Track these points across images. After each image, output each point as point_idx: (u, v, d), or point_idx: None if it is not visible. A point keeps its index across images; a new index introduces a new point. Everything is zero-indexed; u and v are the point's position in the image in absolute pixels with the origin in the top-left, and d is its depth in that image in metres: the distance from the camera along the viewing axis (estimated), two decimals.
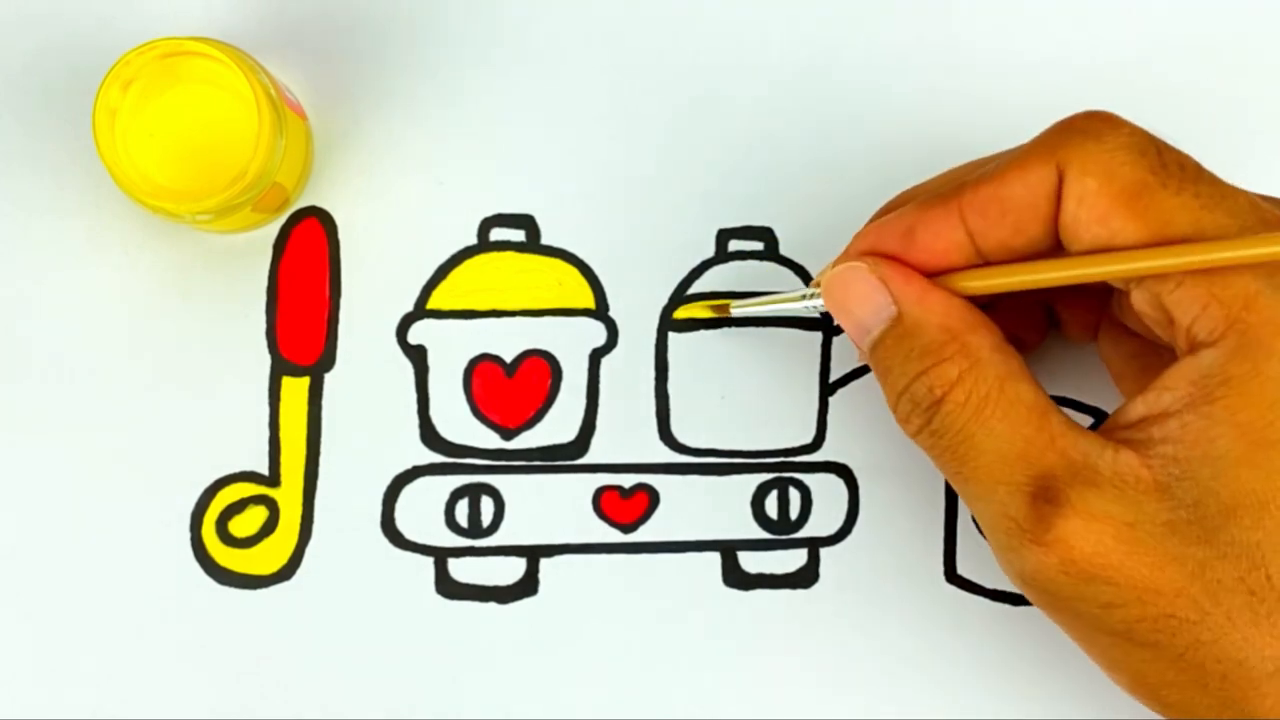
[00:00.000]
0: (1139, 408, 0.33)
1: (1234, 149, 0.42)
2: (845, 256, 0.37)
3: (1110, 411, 0.42)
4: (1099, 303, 0.39)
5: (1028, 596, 0.35)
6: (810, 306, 0.38)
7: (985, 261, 0.35)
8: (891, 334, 0.35)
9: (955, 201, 0.34)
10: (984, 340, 0.34)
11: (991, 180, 0.34)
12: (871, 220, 0.38)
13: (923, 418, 0.34)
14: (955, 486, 0.35)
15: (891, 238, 0.35)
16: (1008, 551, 0.34)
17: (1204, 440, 0.32)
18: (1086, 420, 0.43)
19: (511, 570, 0.42)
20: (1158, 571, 0.32)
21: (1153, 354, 0.37)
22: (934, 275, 0.35)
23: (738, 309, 0.41)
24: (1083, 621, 0.34)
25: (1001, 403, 0.33)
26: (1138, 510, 0.32)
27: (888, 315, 0.35)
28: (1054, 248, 0.34)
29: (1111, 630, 0.33)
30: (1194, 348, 0.32)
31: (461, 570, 0.42)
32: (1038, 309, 0.40)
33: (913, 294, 0.35)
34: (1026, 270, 0.34)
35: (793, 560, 0.42)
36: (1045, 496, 0.32)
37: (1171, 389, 0.33)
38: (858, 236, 0.37)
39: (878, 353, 0.35)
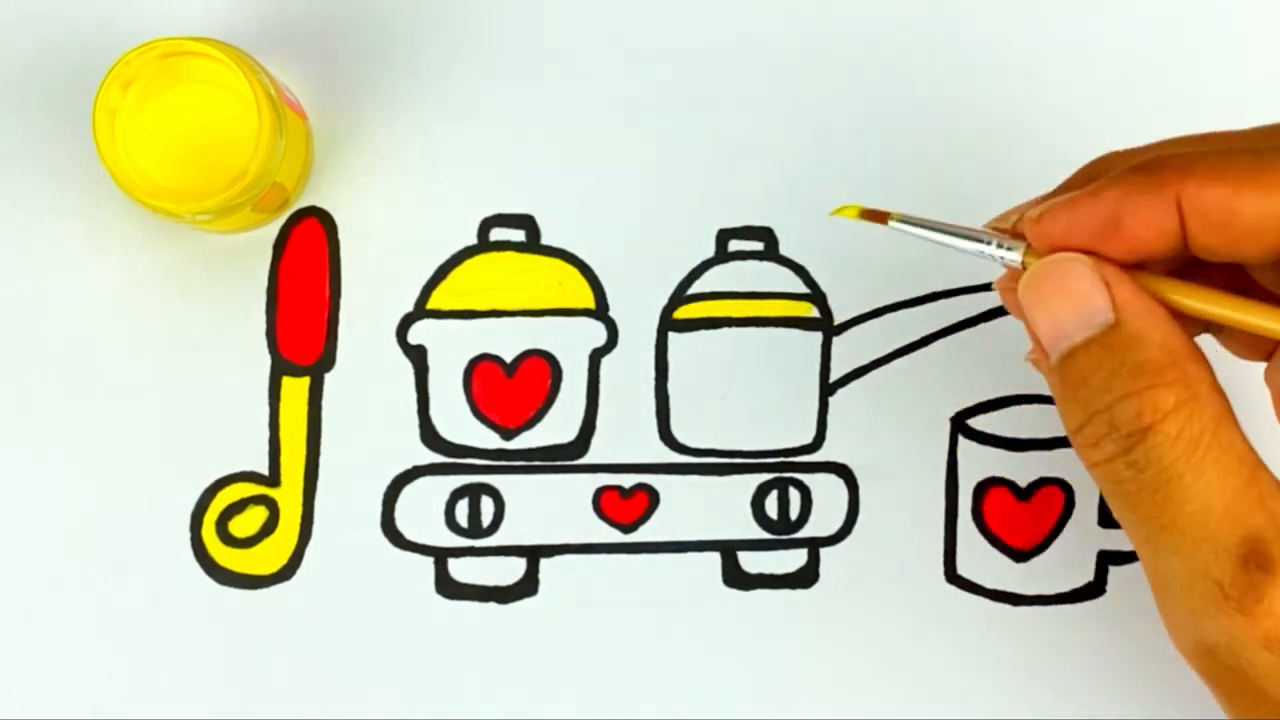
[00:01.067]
0: None
1: None
2: (1028, 233, 0.32)
3: None
4: None
5: (1201, 668, 0.31)
6: (985, 250, 0.33)
7: (1190, 254, 0.31)
8: (1101, 343, 0.30)
9: (1172, 189, 0.30)
10: (1205, 374, 0.30)
11: (1222, 181, 0.29)
12: (1067, 184, 0.34)
13: (1120, 445, 0.30)
14: (1140, 535, 0.31)
15: (1091, 221, 0.31)
16: (1201, 617, 0.30)
17: None
18: None
19: (511, 570, 0.42)
20: None
21: None
22: (1134, 267, 0.31)
23: (898, 224, 0.35)
24: (1264, 702, 0.30)
25: (1215, 447, 0.29)
26: None
27: (1102, 321, 0.30)
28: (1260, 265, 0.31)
29: None
30: None
31: (461, 570, 0.42)
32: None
33: (1140, 305, 0.30)
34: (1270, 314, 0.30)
35: (793, 560, 0.42)
36: (1258, 562, 0.29)
37: None
38: (1047, 213, 0.32)
39: (1075, 362, 0.30)
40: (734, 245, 0.43)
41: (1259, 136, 0.32)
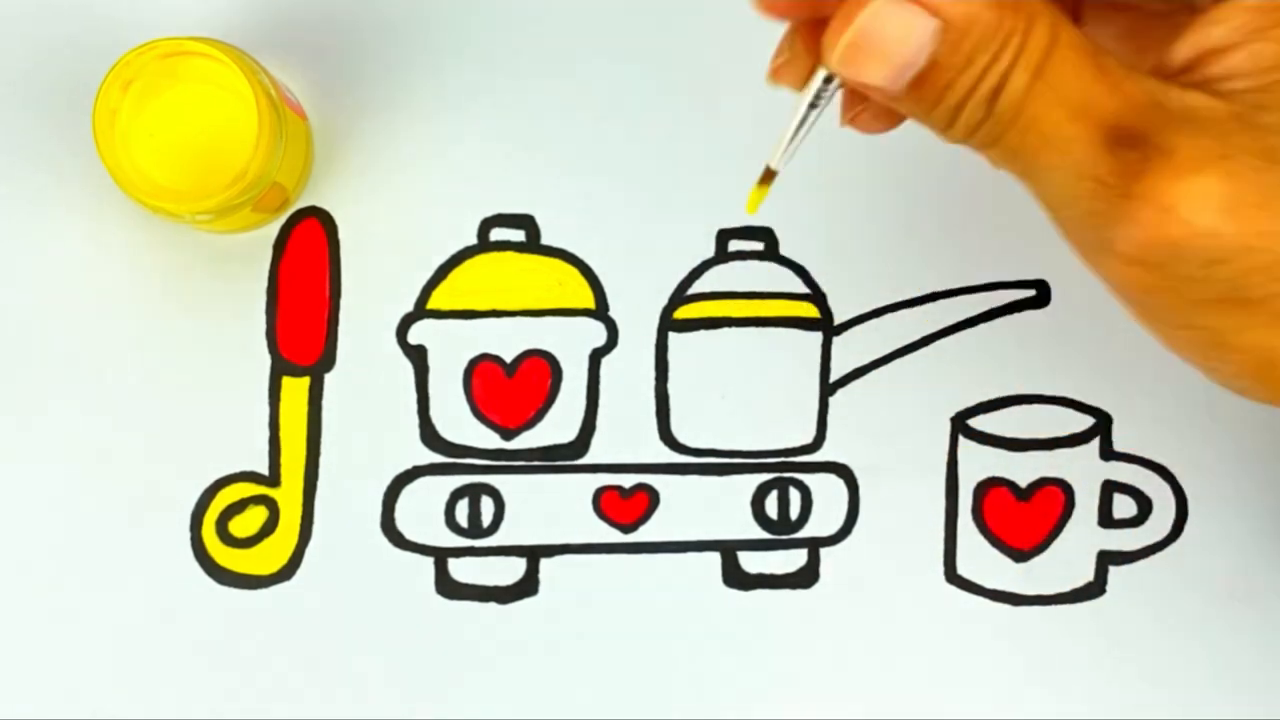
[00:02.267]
0: (1183, 51, 0.30)
1: None
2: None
3: (1110, 412, 0.43)
4: None
5: (1117, 284, 0.31)
6: (831, 90, 0.34)
7: None
8: (945, 46, 0.29)
9: None
10: (1032, 6, 0.29)
11: None
12: None
13: (985, 110, 0.29)
14: (1029, 175, 0.30)
15: None
16: (1096, 221, 0.30)
17: None
18: (1087, 421, 0.43)
19: (511, 570, 0.42)
20: (1263, 210, 0.28)
21: (1151, 27, 0.33)
22: None
23: (779, 162, 0.36)
24: (1183, 298, 0.29)
25: (1055, 55, 0.29)
26: (1225, 142, 0.28)
27: (933, 28, 0.29)
28: None
29: (1220, 297, 0.29)
30: None
31: (461, 570, 0.42)
32: None
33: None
34: None
35: (793, 560, 0.42)
36: (1127, 141, 0.28)
37: (1223, 21, 0.29)
38: None
39: (932, 80, 0.30)
40: (734, 245, 0.43)
41: None
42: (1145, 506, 0.43)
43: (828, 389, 0.43)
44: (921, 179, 0.43)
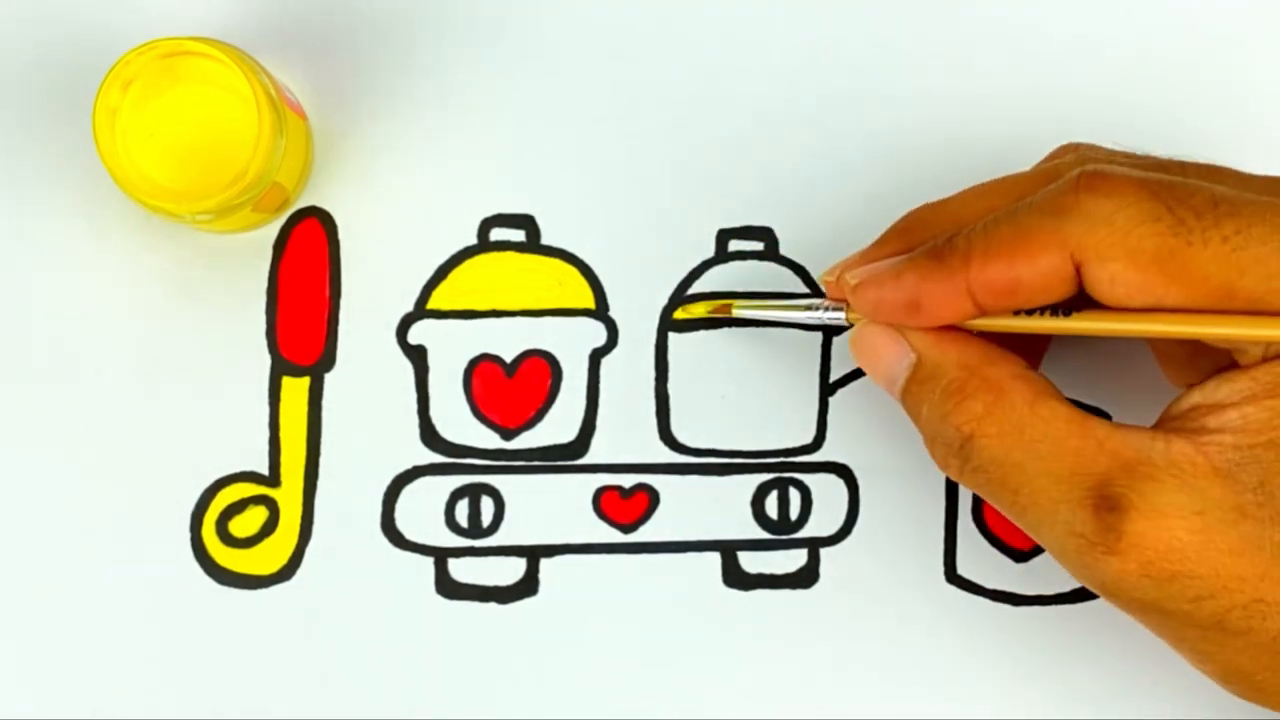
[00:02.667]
0: (1194, 397, 0.33)
1: (1235, 140, 0.42)
2: (850, 299, 0.37)
3: (1110, 412, 0.43)
4: None
5: (1115, 604, 0.34)
6: (814, 317, 0.38)
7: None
8: (914, 380, 0.35)
9: (962, 276, 0.34)
10: (1004, 370, 0.34)
11: (999, 259, 0.33)
12: (883, 238, 0.38)
13: (959, 458, 0.34)
14: (1014, 519, 0.34)
15: (895, 302, 0.35)
16: (1085, 569, 0.33)
17: (1268, 426, 0.32)
18: None
19: (511, 570, 0.42)
20: (1237, 558, 0.31)
21: (1181, 364, 0.37)
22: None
23: (741, 310, 0.41)
24: (1173, 619, 0.33)
25: (1037, 424, 0.33)
26: (1202, 497, 0.32)
27: (908, 363, 0.35)
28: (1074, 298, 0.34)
29: (1202, 624, 0.32)
30: (1269, 356, 0.32)
31: (461, 570, 0.42)
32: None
33: (929, 340, 0.35)
34: (1051, 323, 0.34)
35: (793, 560, 0.42)
36: (1108, 505, 0.32)
37: (1231, 382, 0.32)
38: (860, 287, 0.36)
39: (907, 401, 0.35)
40: (734, 245, 0.43)
41: (1030, 183, 0.35)
42: None
43: (828, 389, 0.43)
44: (921, 179, 0.43)
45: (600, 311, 0.43)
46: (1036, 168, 0.37)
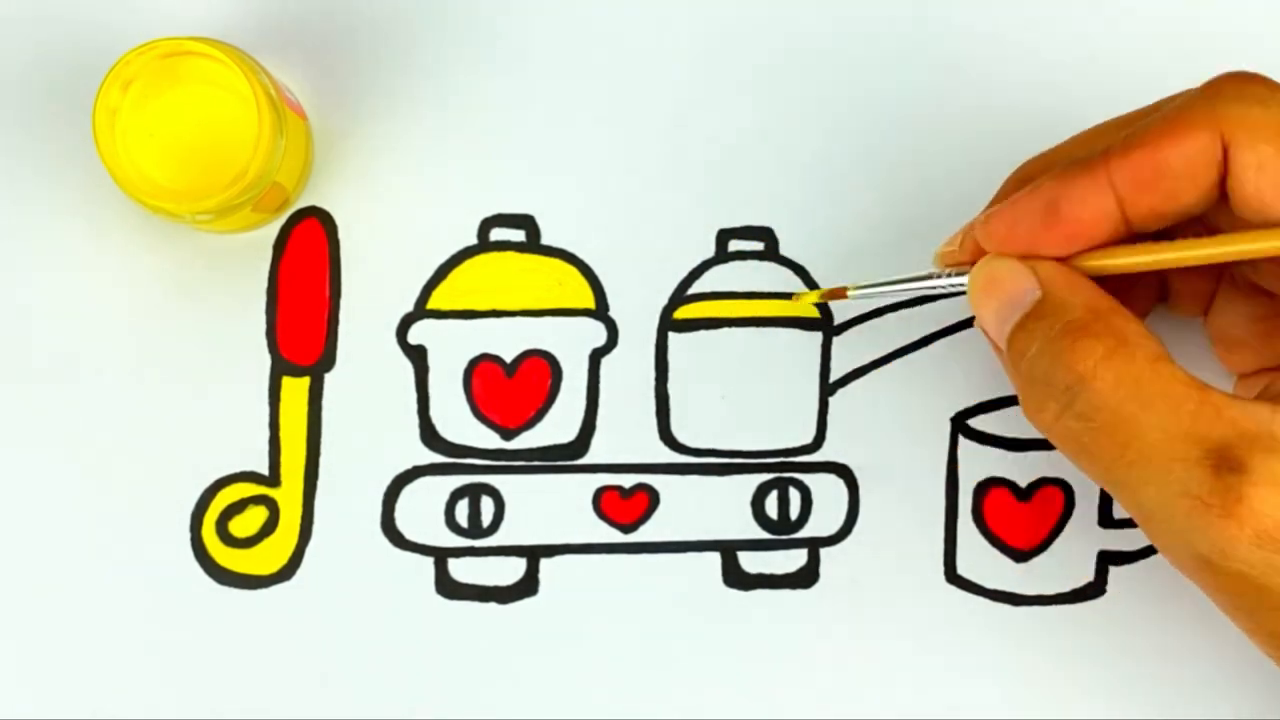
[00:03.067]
0: None
1: None
2: (979, 236, 0.35)
3: None
4: (1218, 270, 0.38)
5: (1206, 581, 0.33)
6: (944, 285, 0.37)
7: (1131, 230, 0.34)
8: (1033, 315, 0.33)
9: (1103, 169, 0.32)
10: (1132, 324, 0.33)
11: (1145, 146, 0.32)
12: (1002, 191, 0.37)
13: (1062, 401, 0.32)
14: (1112, 479, 0.33)
15: (1031, 213, 0.34)
16: (1191, 533, 0.32)
17: None
18: None
19: (511, 570, 0.42)
20: None
21: None
22: (1077, 252, 0.34)
23: (856, 293, 0.40)
24: (1271, 596, 0.32)
25: (1158, 381, 0.31)
26: None
27: (1033, 297, 0.33)
28: (1206, 213, 0.33)
29: None
30: None
31: (461, 570, 0.42)
32: (1149, 281, 0.38)
33: (1060, 276, 0.33)
34: (1190, 246, 0.33)
35: (793, 560, 0.42)
36: (1229, 466, 0.31)
37: None
38: (993, 215, 0.35)
39: (1015, 341, 0.34)
40: (734, 245, 0.43)
41: (1143, 115, 0.35)
42: None
43: (828, 389, 0.43)
44: (921, 179, 0.43)
45: (600, 311, 0.43)
46: (1141, 110, 0.36)
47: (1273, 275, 0.35)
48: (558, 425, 0.43)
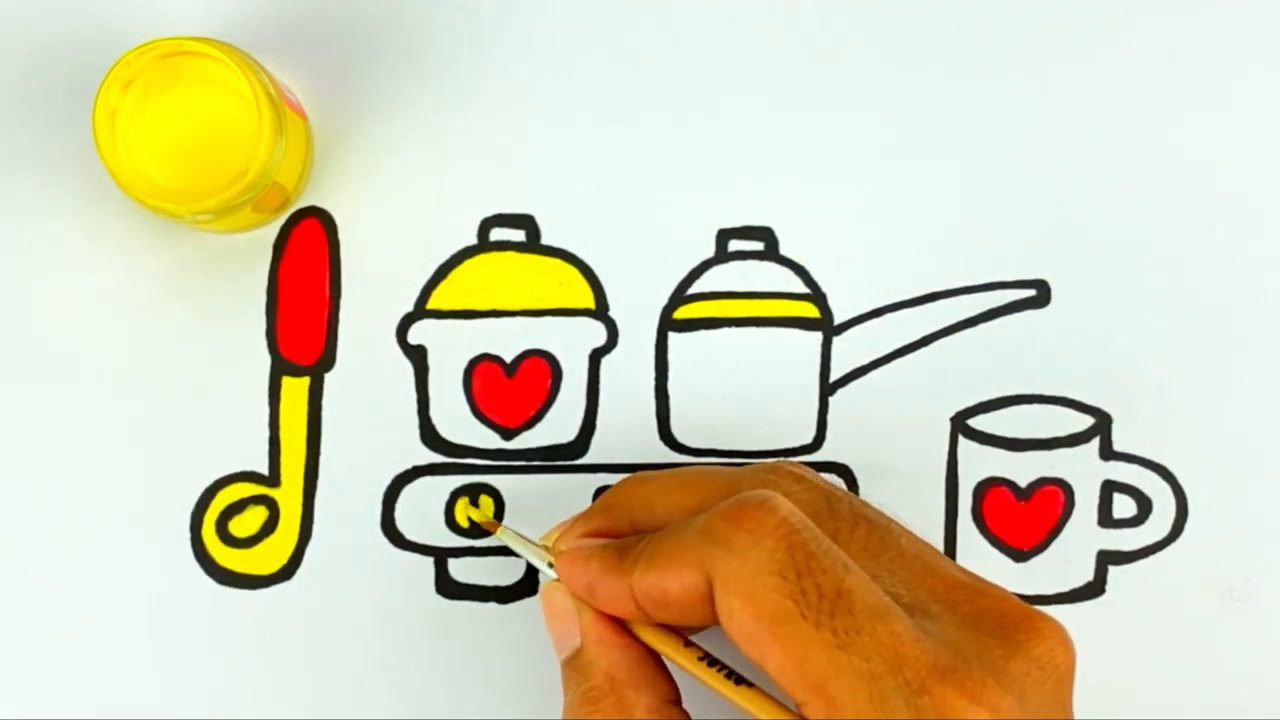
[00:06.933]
0: None
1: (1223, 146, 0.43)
2: (559, 573, 0.38)
3: (1110, 412, 0.43)
4: None
5: None
6: (541, 566, 0.39)
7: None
8: (571, 664, 0.36)
9: (627, 581, 0.35)
10: (641, 700, 0.35)
11: (654, 570, 0.34)
12: (589, 510, 0.39)
13: None
14: None
15: (579, 587, 0.37)
16: None
17: None
18: (1087, 421, 0.43)
19: (511, 570, 0.42)
20: None
21: None
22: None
23: (504, 537, 0.40)
24: None
25: None
26: None
27: (572, 646, 0.37)
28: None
29: None
30: None
31: (461, 570, 0.42)
32: None
33: (596, 634, 0.36)
34: (681, 655, 0.36)
35: None
36: None
37: None
38: (563, 557, 0.37)
39: (564, 673, 0.37)
40: (734, 245, 0.43)
41: (719, 487, 0.36)
42: (1145, 506, 0.43)
43: (828, 389, 0.43)
44: (921, 179, 0.43)
45: (600, 311, 0.43)
46: (735, 470, 0.37)
47: None
48: (558, 425, 0.43)
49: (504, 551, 0.42)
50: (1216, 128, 0.43)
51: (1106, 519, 0.42)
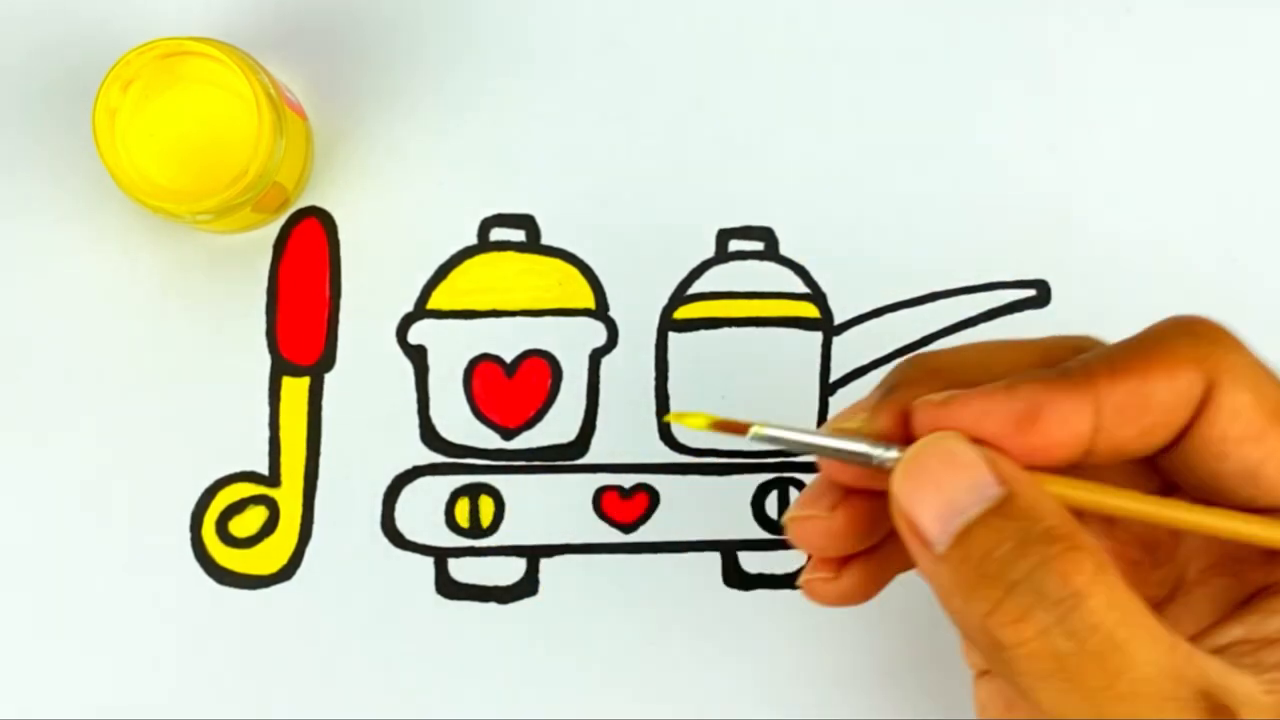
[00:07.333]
0: (1234, 630, 0.30)
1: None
2: (923, 419, 0.30)
3: None
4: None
5: None
6: (870, 454, 0.30)
7: (1085, 462, 0.30)
8: (999, 513, 0.28)
9: (1090, 389, 0.29)
10: (1099, 546, 0.28)
11: (1133, 373, 0.29)
12: (885, 384, 0.32)
13: (1054, 613, 0.27)
14: (1089, 706, 0.28)
15: (1005, 413, 0.29)
16: None
17: None
18: None
19: (511, 570, 0.42)
20: None
21: (1245, 572, 0.32)
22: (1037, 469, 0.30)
23: (756, 436, 0.32)
24: None
25: (1139, 610, 0.27)
26: None
27: (993, 495, 0.28)
28: (1161, 455, 0.31)
29: None
30: None
31: (461, 570, 0.42)
32: None
33: (1027, 478, 0.29)
34: (1186, 511, 0.30)
35: (793, 560, 0.42)
36: (1222, 711, 0.27)
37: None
38: (956, 399, 0.30)
39: (974, 537, 0.28)
40: (734, 245, 0.43)
41: (1053, 348, 0.32)
42: None
43: (828, 389, 0.43)
44: (921, 178, 0.43)
45: (600, 311, 0.43)
46: (1055, 338, 0.33)
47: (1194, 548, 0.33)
48: (558, 425, 0.43)
49: (504, 551, 0.42)
50: (1216, 127, 0.43)
51: None
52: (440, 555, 0.42)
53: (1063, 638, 0.27)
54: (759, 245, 0.43)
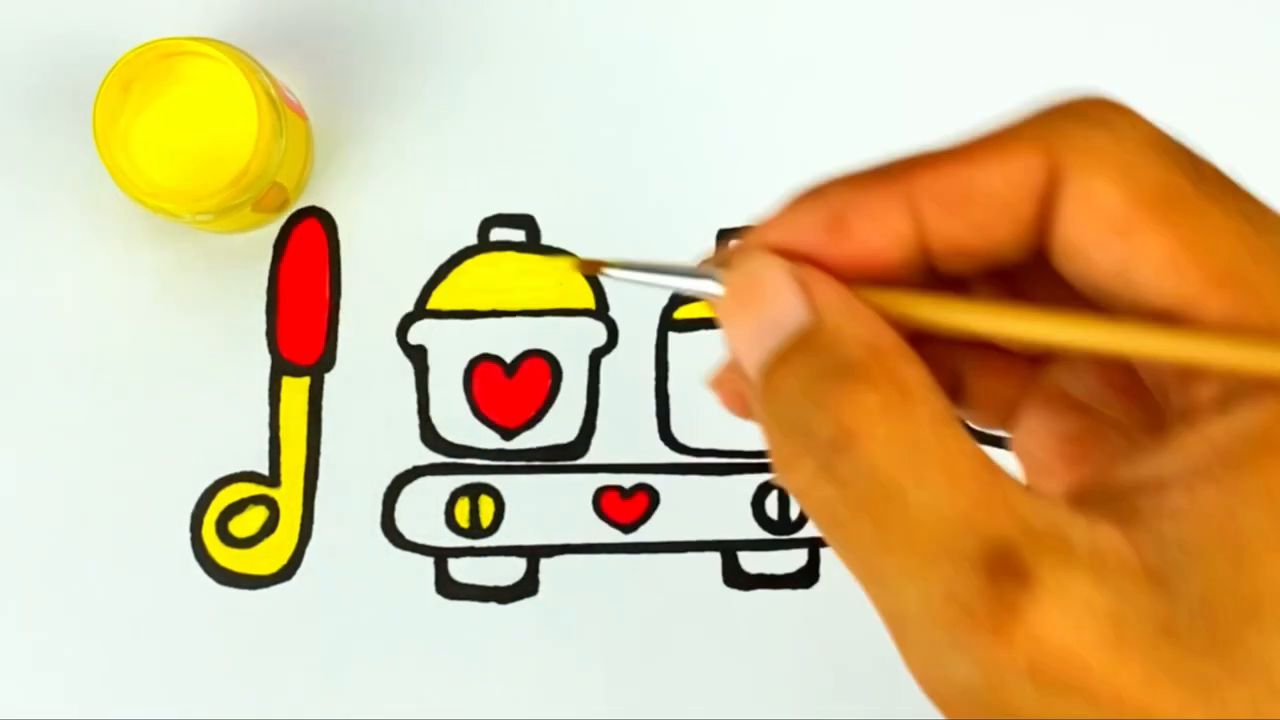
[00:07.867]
0: (1123, 473, 0.25)
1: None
2: (749, 244, 0.27)
3: None
4: (1023, 373, 0.29)
5: (955, 712, 0.25)
6: (700, 289, 0.27)
7: (927, 268, 0.26)
8: (799, 348, 0.25)
9: (904, 182, 0.26)
10: (919, 373, 0.24)
11: (955, 160, 0.26)
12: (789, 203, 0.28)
13: (820, 459, 0.24)
14: (864, 566, 0.25)
15: (813, 223, 0.26)
16: (949, 651, 0.24)
17: (1223, 518, 0.23)
18: None
19: (511, 570, 0.42)
20: (1150, 687, 0.23)
21: (1101, 433, 0.29)
22: (863, 279, 0.26)
23: (614, 271, 0.27)
24: None
25: (939, 449, 0.24)
26: (1124, 601, 0.23)
27: (800, 321, 0.25)
28: (1017, 259, 0.26)
29: None
30: (1225, 403, 0.24)
31: (461, 570, 0.42)
32: (939, 372, 0.28)
33: (838, 301, 0.25)
34: (1026, 317, 0.25)
35: (793, 560, 0.42)
36: (1009, 570, 0.23)
37: (1177, 450, 0.24)
38: (768, 221, 0.27)
39: (776, 369, 0.25)
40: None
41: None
42: None
43: None
44: None
45: (600, 311, 0.43)
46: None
47: (1094, 383, 0.28)
48: (558, 425, 0.43)
49: (504, 551, 0.42)
50: (1216, 126, 0.43)
51: None
52: (440, 555, 0.42)
53: (829, 484, 0.24)
54: None
